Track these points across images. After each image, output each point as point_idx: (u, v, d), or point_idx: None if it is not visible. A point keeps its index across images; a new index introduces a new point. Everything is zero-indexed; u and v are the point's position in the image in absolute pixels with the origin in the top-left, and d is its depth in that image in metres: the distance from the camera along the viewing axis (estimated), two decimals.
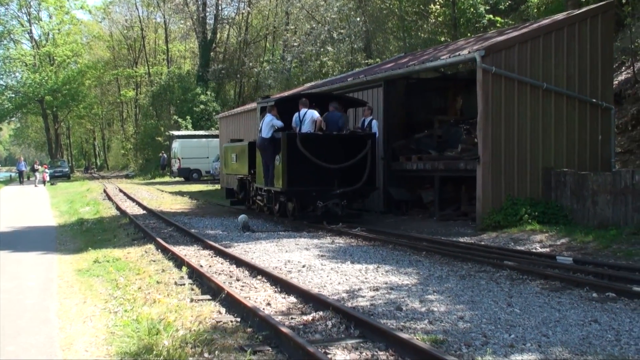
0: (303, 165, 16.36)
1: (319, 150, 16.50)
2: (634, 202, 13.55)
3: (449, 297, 8.48)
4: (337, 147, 16.80)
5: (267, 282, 9.70)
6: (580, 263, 10.74)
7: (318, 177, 16.46)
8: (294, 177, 16.47)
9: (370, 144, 16.91)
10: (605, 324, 7.01)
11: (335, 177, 16.56)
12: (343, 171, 16.62)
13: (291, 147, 16.39)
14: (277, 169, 17.04)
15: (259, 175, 18.48)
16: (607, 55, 17.12)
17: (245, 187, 21.45)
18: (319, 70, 37.29)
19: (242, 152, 20.51)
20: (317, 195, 16.52)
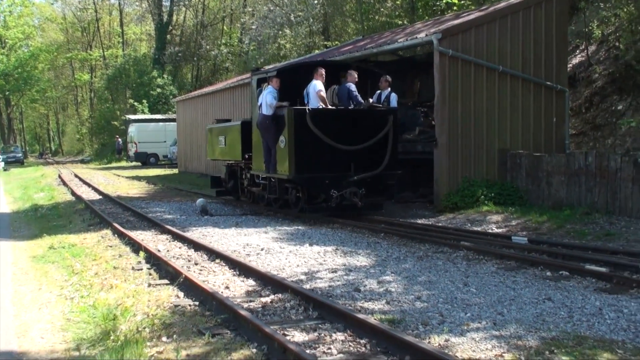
0: (314, 148, 13.85)
1: (333, 129, 13.98)
2: (587, 183, 13.82)
3: (406, 277, 8.56)
4: (353, 125, 14.26)
5: (225, 266, 9.67)
6: (535, 243, 10.94)
7: (331, 162, 13.95)
8: (303, 162, 13.91)
9: (393, 121, 14.47)
10: (558, 302, 7.16)
11: (351, 161, 14.05)
12: (361, 154, 14.13)
13: (300, 125, 13.82)
14: (281, 153, 14.31)
15: (257, 160, 15.75)
16: (562, 39, 17.35)
17: (235, 175, 18.47)
18: (277, 53, 37.09)
19: (232, 134, 17.52)
20: (330, 183, 13.89)
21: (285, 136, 14.06)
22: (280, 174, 14.46)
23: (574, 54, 22.37)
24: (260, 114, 14.67)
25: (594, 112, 19.72)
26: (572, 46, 22.31)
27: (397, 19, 30.11)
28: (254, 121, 15.44)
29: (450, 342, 5.89)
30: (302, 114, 13.87)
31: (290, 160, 13.89)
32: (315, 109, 14.05)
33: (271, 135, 14.57)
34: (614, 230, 11.96)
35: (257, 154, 15.69)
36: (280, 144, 14.31)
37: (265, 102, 14.46)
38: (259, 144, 15.29)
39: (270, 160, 14.70)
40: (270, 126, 14.53)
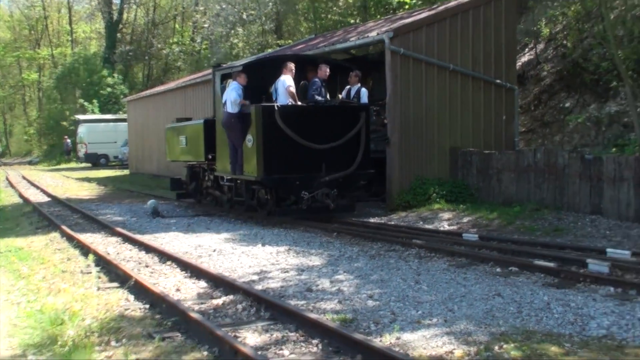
0: (283, 147, 13.19)
1: (303, 126, 13.34)
2: (536, 180, 14.04)
3: (358, 276, 8.57)
4: (324, 122, 13.66)
5: (177, 268, 9.56)
6: (486, 239, 11.07)
7: (302, 161, 13.32)
8: (272, 162, 13.22)
9: (365, 118, 13.99)
10: (508, 297, 7.25)
11: (323, 161, 13.44)
12: (332, 153, 13.52)
13: (268, 123, 13.12)
14: (248, 153, 13.65)
15: (222, 161, 15.01)
16: (511, 37, 17.61)
17: (197, 177, 17.55)
18: (229, 52, 36.84)
19: (194, 134, 16.59)
20: (301, 184, 13.24)
21: (252, 135, 13.41)
22: (248, 175, 13.80)
23: (523, 52, 22.72)
24: (225, 112, 13.96)
25: (543, 110, 20.06)
26: (521, 45, 22.66)
27: (349, 18, 30.20)
28: (218, 120, 14.79)
29: (402, 339, 5.91)
30: (270, 111, 13.17)
31: (259, 160, 13.21)
32: (285, 106, 13.41)
33: (237, 135, 13.88)
34: (562, 225, 12.17)
35: (221, 154, 14.94)
36: (248, 143, 13.66)
37: (230, 100, 13.77)
38: (224, 144, 14.58)
39: (237, 161, 14.04)
40: (236, 125, 13.82)
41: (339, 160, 13.59)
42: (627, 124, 16.17)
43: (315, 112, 13.76)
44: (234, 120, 13.78)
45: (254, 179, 13.53)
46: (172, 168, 27.93)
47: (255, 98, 13.69)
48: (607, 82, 17.26)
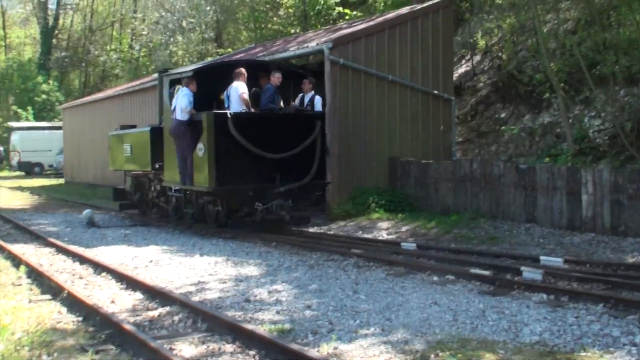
0: (236, 156, 12.69)
1: (257, 135, 12.82)
2: (472, 189, 14.28)
3: (297, 286, 8.55)
4: (279, 131, 13.21)
5: (112, 279, 9.37)
6: (423, 248, 11.18)
7: (256, 171, 12.84)
8: (224, 172, 12.67)
9: (320, 126, 13.65)
10: (444, 306, 7.32)
11: (277, 171, 13.00)
12: (287, 162, 13.08)
13: (221, 131, 12.57)
14: (199, 162, 12.99)
15: (170, 171, 14.31)
16: (448, 49, 17.91)
17: (142, 187, 16.71)
18: (168, 59, 36.48)
19: (140, 142, 15.87)
20: (255, 195, 12.79)
21: (204, 144, 12.79)
22: (198, 185, 13.19)
23: (460, 63, 23.13)
24: (174, 119, 13.33)
25: (479, 120, 20.44)
26: (458, 56, 23.07)
27: (290, 28, 30.26)
28: (166, 127, 14.13)
29: (339, 349, 5.90)
30: (223, 118, 12.61)
31: (210, 170, 12.63)
32: (238, 113, 12.86)
33: (187, 143, 13.24)
34: (498, 234, 12.41)
35: (169, 163, 14.25)
36: (198, 152, 13.01)
37: (181, 106, 13.14)
38: (172, 153, 13.92)
39: (186, 171, 13.40)
40: (185, 133, 13.21)
41: (294, 170, 13.18)
42: (559, 134, 16.60)
43: (270, 120, 13.35)
44: (184, 128, 13.20)
45: (205, 189, 13.01)
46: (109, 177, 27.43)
47: (206, 105, 13.18)
48: (540, 93, 17.71)
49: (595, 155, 14.82)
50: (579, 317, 6.70)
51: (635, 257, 10.10)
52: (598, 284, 8.19)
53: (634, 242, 11.00)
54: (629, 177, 11.56)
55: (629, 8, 13.63)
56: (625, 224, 11.56)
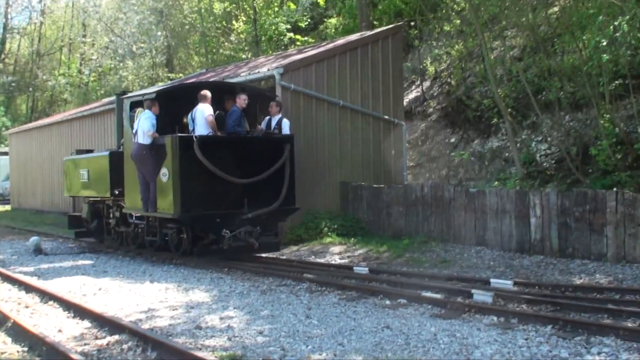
0: (203, 181, 12.16)
1: (224, 159, 12.36)
2: (424, 213, 14.40)
3: (249, 312, 8.47)
4: (246, 154, 12.76)
5: (59, 308, 9.16)
6: (375, 272, 11.20)
7: (223, 197, 12.34)
8: (190, 198, 12.09)
9: (290, 150, 13.24)
10: (396, 329, 7.33)
11: (245, 196, 12.51)
12: (255, 187, 12.61)
13: (186, 155, 12.03)
14: (163, 188, 12.38)
15: (131, 197, 13.56)
16: (397, 75, 18.14)
17: (100, 214, 15.93)
18: (118, 84, 36.12)
19: (98, 167, 15.16)
20: (222, 221, 12.25)
21: (168, 168, 12.23)
22: (163, 212, 12.52)
23: (410, 89, 23.45)
24: (136, 143, 12.71)
25: (430, 145, 20.70)
26: (408, 82, 23.39)
27: (241, 53, 30.32)
28: (127, 151, 13.45)
29: None
30: (188, 142, 12.07)
31: (175, 196, 12.03)
32: (205, 137, 12.32)
33: (150, 168, 12.63)
34: (449, 257, 12.51)
35: (131, 189, 13.51)
36: (162, 177, 12.40)
37: (143, 130, 12.55)
38: (134, 178, 13.19)
39: (149, 197, 12.78)
40: (148, 157, 12.59)
41: (263, 195, 12.69)
42: (508, 158, 16.90)
43: (237, 144, 12.82)
44: (146, 152, 12.58)
45: (170, 216, 12.35)
46: (57, 203, 26.94)
47: (169, 128, 12.58)
48: (489, 118, 18.04)
49: (543, 178, 15.11)
50: (528, 339, 6.78)
51: (583, 278, 10.29)
52: (547, 305, 8.31)
53: (581, 264, 11.22)
54: (576, 200, 11.80)
55: (571, 36, 14.02)
56: (573, 246, 11.78)
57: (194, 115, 12.68)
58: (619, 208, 11.20)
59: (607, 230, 11.33)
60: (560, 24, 15.86)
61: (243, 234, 12.31)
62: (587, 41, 13.10)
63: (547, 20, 17.16)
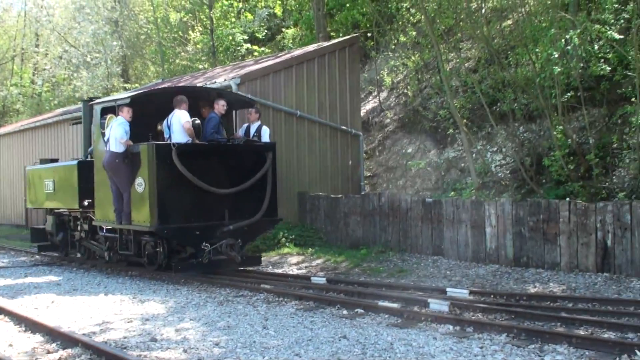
0: (181, 191, 11.53)
1: (203, 168, 11.71)
2: (381, 223, 14.46)
3: (205, 323, 8.38)
4: (227, 163, 12.17)
5: (10, 322, 8.96)
6: (333, 282, 11.19)
7: (203, 208, 11.76)
8: (168, 209, 11.46)
9: (272, 159, 12.74)
10: (353, 339, 7.32)
11: (226, 207, 11.96)
12: (236, 198, 12.07)
13: (164, 164, 11.37)
14: (139, 198, 11.68)
15: (102, 208, 12.80)
16: (354, 85, 18.23)
17: (65, 227, 15.15)
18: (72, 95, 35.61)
19: (65, 177, 14.35)
20: (202, 234, 11.65)
21: (144, 178, 11.53)
22: (137, 224, 11.79)
23: (368, 100, 23.57)
24: (108, 152, 11.95)
25: (387, 155, 20.80)
26: (365, 92, 23.52)
27: (198, 63, 30.17)
28: (98, 160, 12.71)
29: None
30: (166, 150, 11.40)
31: (152, 207, 11.34)
32: (183, 145, 11.64)
33: (123, 177, 11.93)
34: (406, 267, 12.58)
35: (102, 200, 12.75)
36: (137, 187, 11.68)
37: (117, 137, 11.84)
38: (106, 189, 12.47)
39: (123, 208, 12.06)
40: (121, 166, 11.90)
41: (244, 206, 12.16)
42: (464, 168, 17.07)
43: (217, 152, 12.16)
44: (119, 161, 11.89)
45: (147, 229, 11.59)
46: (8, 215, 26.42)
47: (142, 136, 11.94)
48: (445, 129, 18.20)
49: (498, 189, 15.29)
50: (483, 347, 6.84)
51: (537, 287, 10.44)
52: (502, 314, 8.40)
53: (535, 273, 11.38)
54: (530, 210, 11.97)
55: (524, 48, 14.25)
56: (527, 255, 11.94)
57: (169, 122, 12.06)
58: (572, 218, 11.40)
59: (560, 240, 11.52)
60: (514, 37, 16.13)
61: (224, 247, 11.71)
62: (539, 54, 13.33)
63: (501, 32, 17.45)
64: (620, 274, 10.76)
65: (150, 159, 11.47)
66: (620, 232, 10.84)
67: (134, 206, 11.86)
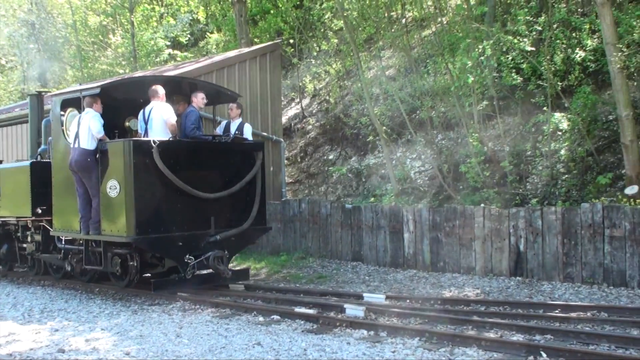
0: (163, 196, 10.05)
1: (187, 169, 10.29)
2: (301, 229, 14.47)
3: (117, 333, 8.19)
4: (213, 164, 10.74)
5: None
6: (252, 289, 11.12)
7: (186, 215, 10.27)
8: (147, 217, 9.88)
9: (262, 160, 11.47)
10: (267, 346, 7.28)
11: (211, 213, 10.57)
12: (223, 204, 10.71)
13: (143, 164, 9.85)
14: (111, 205, 10.03)
15: (63, 216, 11.09)
16: (276, 92, 18.19)
17: (10, 237, 13.21)
18: None
19: (14, 181, 12.54)
20: (185, 245, 10.18)
21: (119, 180, 9.90)
22: (110, 234, 10.13)
23: (290, 106, 23.58)
24: (78, 149, 10.26)
25: (309, 161, 20.85)
26: (287, 99, 23.53)
27: (118, 68, 29.59)
28: (57, 162, 11.13)
29: None
30: (146, 148, 9.87)
31: (128, 215, 9.75)
32: (166, 142, 10.11)
33: (93, 180, 10.28)
34: (326, 272, 12.62)
35: (63, 207, 11.08)
36: (110, 191, 10.05)
37: (94, 131, 10.25)
38: (68, 193, 10.84)
39: (91, 216, 10.42)
40: (93, 166, 10.26)
41: (231, 213, 10.88)
42: (384, 175, 17.26)
43: (203, 151, 10.74)
44: (91, 160, 10.25)
45: (123, 239, 9.93)
46: None
47: (108, 133, 10.53)
48: (365, 136, 18.38)
49: (417, 195, 15.52)
50: (395, 352, 6.90)
51: (452, 291, 10.62)
52: (416, 318, 8.50)
53: (451, 277, 11.60)
54: (446, 215, 12.20)
55: (442, 57, 14.55)
56: (444, 260, 12.16)
57: (146, 116, 10.55)
58: (486, 223, 11.67)
59: (475, 245, 11.77)
60: (432, 46, 16.45)
61: (212, 260, 10.25)
62: (456, 63, 13.63)
63: (421, 42, 17.76)
64: (532, 278, 11.09)
65: (127, 158, 9.83)
66: (532, 237, 11.16)
67: (106, 213, 10.17)
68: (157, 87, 10.72)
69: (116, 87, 11.42)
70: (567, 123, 12.82)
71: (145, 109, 10.65)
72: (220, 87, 12.83)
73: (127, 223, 9.78)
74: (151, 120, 10.47)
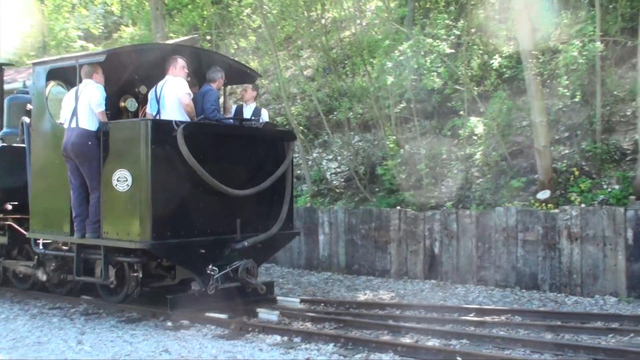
0: (184, 192, 8.20)
1: (210, 159, 8.35)
2: None
3: (12, 339, 7.66)
4: (240, 154, 8.85)
5: None
6: None
7: (208, 216, 8.43)
8: (166, 218, 8.02)
9: (293, 151, 9.78)
10: (175, 353, 6.94)
11: (237, 214, 8.65)
12: (249, 203, 8.82)
13: (164, 152, 7.97)
14: (119, 201, 8.08)
15: (44, 214, 9.00)
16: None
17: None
18: None
19: None
20: (208, 253, 8.33)
21: (130, 170, 7.95)
22: (117, 238, 8.12)
23: None
24: (76, 130, 8.27)
25: None
26: None
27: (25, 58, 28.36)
28: (37, 146, 9.12)
29: None
30: (167, 130, 8.00)
31: (144, 214, 7.84)
32: (192, 124, 8.30)
33: (97, 168, 8.29)
34: None
35: (42, 202, 9.01)
36: (117, 184, 8.04)
37: (89, 107, 8.29)
38: (54, 185, 8.83)
39: (88, 214, 8.38)
40: (95, 151, 8.29)
41: (257, 214, 9.00)
42: (299, 175, 17.06)
43: (230, 139, 8.83)
44: (92, 143, 8.29)
45: (137, 245, 7.93)
46: None
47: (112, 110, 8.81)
48: None
49: (333, 196, 15.37)
50: (310, 358, 6.67)
51: (367, 294, 10.51)
52: (331, 322, 8.30)
53: (366, 280, 11.50)
54: (362, 218, 12.10)
55: (361, 59, 14.46)
56: (359, 263, 12.06)
57: (158, 93, 8.67)
58: (402, 226, 11.63)
59: (391, 247, 11.72)
60: (351, 47, 16.37)
61: (241, 271, 8.40)
62: (375, 64, 13.56)
63: (340, 43, 17.65)
64: (447, 281, 11.11)
65: (145, 143, 7.86)
66: (447, 240, 11.19)
67: (108, 212, 8.23)
68: (177, 57, 8.78)
69: (125, 53, 9.36)
70: (483, 127, 12.93)
71: (157, 85, 8.76)
72: (237, 63, 10.65)
73: (141, 225, 7.87)
74: (163, 97, 8.61)
